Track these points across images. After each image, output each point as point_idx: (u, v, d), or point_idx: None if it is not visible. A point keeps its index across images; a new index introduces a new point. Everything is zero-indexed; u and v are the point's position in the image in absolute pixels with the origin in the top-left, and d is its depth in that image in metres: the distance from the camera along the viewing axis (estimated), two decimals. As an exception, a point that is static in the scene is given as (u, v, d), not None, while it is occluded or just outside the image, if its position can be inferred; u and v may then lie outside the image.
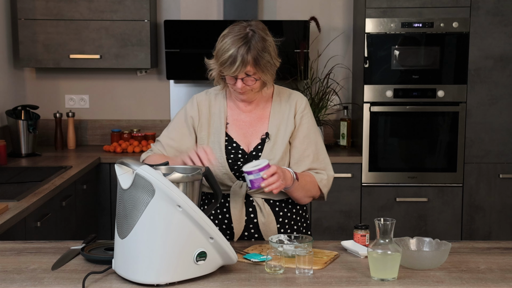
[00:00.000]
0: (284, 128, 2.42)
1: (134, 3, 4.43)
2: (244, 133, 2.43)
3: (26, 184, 3.31)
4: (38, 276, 1.96)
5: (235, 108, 2.46)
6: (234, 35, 2.26)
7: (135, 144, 4.54)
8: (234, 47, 2.24)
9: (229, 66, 2.25)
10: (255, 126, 2.44)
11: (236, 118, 2.44)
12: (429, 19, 4.29)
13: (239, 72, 2.26)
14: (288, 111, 2.43)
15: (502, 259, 2.15)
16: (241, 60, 2.23)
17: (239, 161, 2.39)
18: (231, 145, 2.41)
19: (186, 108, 2.49)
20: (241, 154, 2.40)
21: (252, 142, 2.42)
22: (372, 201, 4.39)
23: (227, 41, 2.26)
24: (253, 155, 2.39)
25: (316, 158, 2.44)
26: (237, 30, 2.28)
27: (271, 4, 4.79)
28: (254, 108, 2.45)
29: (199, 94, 2.53)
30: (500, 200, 4.41)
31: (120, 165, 1.92)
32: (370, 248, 1.95)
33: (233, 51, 2.24)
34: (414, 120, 4.37)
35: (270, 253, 2.02)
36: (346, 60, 4.83)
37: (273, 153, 2.39)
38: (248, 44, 2.24)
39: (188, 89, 4.84)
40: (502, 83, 4.34)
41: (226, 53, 2.25)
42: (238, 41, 2.25)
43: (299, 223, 2.50)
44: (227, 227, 2.42)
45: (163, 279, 1.86)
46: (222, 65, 2.27)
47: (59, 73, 4.81)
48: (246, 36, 2.26)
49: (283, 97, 2.46)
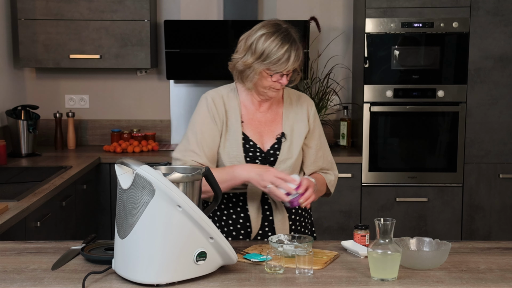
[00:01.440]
0: (298, 129, 2.47)
1: (134, 3, 4.43)
2: (259, 132, 2.45)
3: (26, 184, 3.31)
4: (38, 276, 1.96)
5: (249, 107, 2.47)
6: (279, 33, 2.31)
7: (135, 144, 4.54)
8: (286, 44, 2.30)
9: (284, 63, 2.30)
10: (269, 125, 2.47)
11: (251, 117, 2.46)
12: (429, 19, 4.29)
13: (293, 67, 2.33)
14: (301, 113, 2.50)
15: (502, 259, 2.15)
16: (295, 55, 2.31)
17: (257, 159, 2.41)
18: (248, 143, 2.42)
19: (206, 105, 2.42)
20: (258, 153, 2.42)
21: (267, 141, 2.45)
22: (372, 201, 4.39)
23: (276, 39, 2.30)
24: (271, 154, 2.43)
25: (325, 159, 2.54)
26: (276, 28, 2.33)
27: (271, 4, 4.79)
28: (268, 108, 2.48)
29: (210, 92, 2.48)
30: (500, 200, 4.41)
31: (120, 165, 1.92)
32: (370, 248, 1.96)
33: (287, 48, 2.30)
34: (414, 120, 4.37)
35: (270, 253, 2.02)
36: (346, 60, 4.83)
37: (290, 152, 2.43)
38: (296, 41, 2.33)
39: (188, 89, 4.84)
40: (502, 83, 4.34)
41: (280, 51, 2.29)
42: (287, 38, 2.31)
43: (306, 219, 2.56)
44: (243, 226, 2.44)
45: (163, 279, 1.86)
46: (276, 63, 2.30)
47: (59, 73, 4.81)
48: (289, 33, 2.33)
49: (293, 99, 2.52)
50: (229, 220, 2.46)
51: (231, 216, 2.46)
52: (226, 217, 2.47)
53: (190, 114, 4.84)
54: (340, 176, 4.23)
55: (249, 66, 2.34)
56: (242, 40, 2.38)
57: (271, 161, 2.42)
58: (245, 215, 2.44)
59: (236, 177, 2.31)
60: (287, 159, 2.42)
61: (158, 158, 4.29)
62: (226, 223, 2.47)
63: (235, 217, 2.45)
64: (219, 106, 2.43)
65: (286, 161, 2.42)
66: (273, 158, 2.42)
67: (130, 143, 4.55)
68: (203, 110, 2.43)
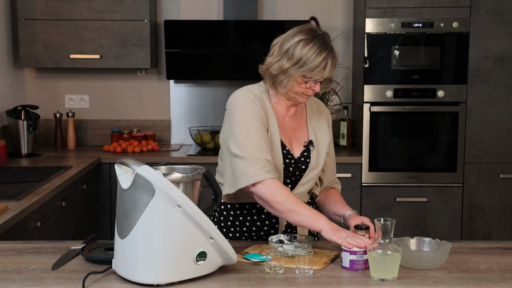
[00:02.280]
0: (322, 137, 2.47)
1: (134, 3, 4.43)
2: (289, 138, 2.43)
3: (26, 184, 3.31)
4: (38, 276, 1.96)
5: (280, 111, 2.43)
6: (317, 40, 2.28)
7: (135, 144, 4.54)
8: (324, 51, 2.27)
9: (321, 70, 2.27)
10: (296, 131, 2.45)
11: (282, 122, 2.43)
12: (429, 19, 4.29)
13: (329, 75, 2.30)
14: (322, 120, 2.50)
15: (502, 259, 2.15)
16: (331, 63, 2.28)
17: (290, 166, 2.39)
18: (284, 149, 2.39)
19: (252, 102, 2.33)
20: (292, 159, 2.40)
21: (296, 148, 2.43)
22: (372, 201, 4.39)
23: (314, 46, 2.27)
24: (302, 161, 2.41)
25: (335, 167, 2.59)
26: (314, 34, 2.30)
27: (271, 4, 4.79)
28: (295, 113, 2.46)
29: (247, 93, 2.36)
30: (500, 200, 4.41)
31: (120, 165, 1.92)
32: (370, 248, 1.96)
33: (325, 56, 2.27)
34: (414, 120, 4.37)
35: (270, 253, 2.02)
36: (346, 60, 4.83)
37: (318, 161, 2.43)
38: (333, 49, 2.31)
39: (188, 89, 4.84)
40: (502, 83, 4.34)
41: (318, 58, 2.26)
42: (324, 46, 2.28)
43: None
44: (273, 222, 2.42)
45: (163, 279, 1.86)
46: (313, 70, 2.26)
47: (59, 73, 4.81)
48: (326, 41, 2.30)
49: (313, 105, 2.52)
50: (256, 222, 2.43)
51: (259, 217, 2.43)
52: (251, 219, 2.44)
53: (190, 114, 4.85)
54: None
55: (284, 71, 2.29)
56: (276, 44, 2.33)
57: (302, 169, 2.40)
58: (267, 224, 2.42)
59: (314, 226, 2.22)
60: (315, 167, 2.42)
61: (158, 158, 4.29)
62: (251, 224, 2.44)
63: (264, 216, 2.42)
64: (260, 106, 2.35)
65: (314, 169, 2.42)
66: (305, 166, 2.41)
67: (130, 143, 4.55)
68: (252, 109, 2.32)
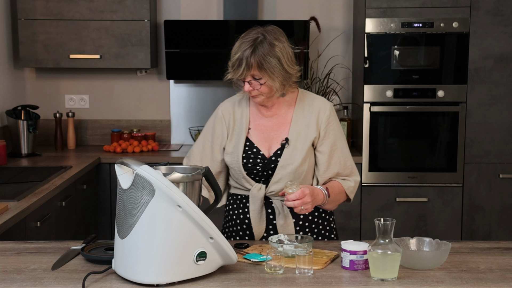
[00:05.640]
0: (305, 133, 2.43)
1: (134, 3, 4.43)
2: (265, 138, 2.45)
3: (26, 184, 3.31)
4: (38, 276, 1.96)
5: (257, 113, 2.48)
6: (245, 39, 2.32)
7: (135, 144, 4.54)
8: (241, 50, 2.30)
9: (236, 69, 2.31)
10: (276, 131, 2.46)
11: (257, 123, 2.47)
12: (429, 19, 4.29)
13: (244, 75, 2.31)
14: (311, 117, 2.45)
15: (502, 259, 2.15)
16: (245, 63, 2.29)
17: (258, 165, 2.42)
18: (251, 150, 2.43)
19: (214, 119, 2.52)
20: (260, 159, 2.42)
21: (272, 147, 2.44)
22: (372, 201, 4.39)
23: (237, 44, 2.33)
24: (272, 160, 2.42)
25: (343, 165, 2.47)
26: (248, 34, 2.34)
27: (271, 4, 4.78)
28: (276, 113, 2.47)
29: (224, 103, 2.56)
30: (500, 200, 4.41)
31: (120, 165, 1.92)
32: (370, 248, 1.96)
33: (240, 54, 2.29)
34: (414, 120, 4.37)
35: (270, 253, 2.02)
36: (346, 60, 4.83)
37: (291, 158, 2.40)
38: (253, 48, 2.28)
39: (188, 89, 4.84)
40: (502, 83, 4.34)
41: (235, 56, 2.32)
42: (246, 44, 2.30)
43: (320, 226, 2.51)
44: (247, 227, 2.46)
45: (163, 279, 1.86)
46: (231, 68, 2.33)
47: (59, 73, 4.81)
48: (255, 40, 2.30)
49: (306, 102, 2.48)
50: (236, 222, 2.49)
51: (237, 218, 2.48)
52: (231, 218, 2.50)
53: (190, 114, 4.85)
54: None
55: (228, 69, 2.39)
56: None
57: (271, 167, 2.41)
58: (249, 217, 2.45)
59: None
60: (288, 165, 2.39)
61: (158, 158, 4.29)
62: (232, 224, 2.50)
63: (242, 217, 2.47)
64: (227, 117, 2.49)
65: (287, 167, 2.39)
66: (274, 164, 2.41)
67: (130, 143, 4.55)
68: (210, 123, 2.53)
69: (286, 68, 2.32)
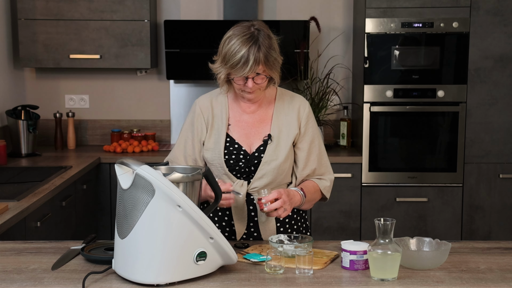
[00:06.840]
0: (287, 130, 2.43)
1: (134, 3, 4.43)
2: (246, 134, 2.44)
3: (26, 184, 3.31)
4: (38, 276, 1.96)
5: (237, 109, 2.46)
6: (241, 36, 2.26)
7: (135, 144, 4.54)
8: (244, 47, 2.24)
9: (241, 67, 2.25)
10: (257, 127, 2.45)
11: (238, 119, 2.45)
12: (429, 19, 4.29)
13: (252, 71, 2.26)
14: (292, 114, 2.45)
15: (502, 259, 2.15)
16: (253, 60, 2.23)
17: (240, 161, 2.40)
18: (232, 146, 2.42)
19: (192, 115, 2.49)
20: (242, 155, 2.41)
21: (254, 143, 2.43)
22: (372, 201, 4.39)
23: (235, 42, 2.25)
24: (255, 156, 2.41)
25: (319, 162, 2.48)
26: (242, 31, 2.28)
27: (271, 4, 4.78)
28: (257, 109, 2.46)
29: (200, 99, 2.52)
30: (500, 200, 4.41)
31: (120, 165, 1.92)
32: (370, 248, 1.96)
33: (244, 52, 2.23)
34: (414, 120, 4.37)
35: (270, 253, 2.02)
36: (346, 60, 4.83)
37: (275, 154, 2.40)
38: (257, 43, 2.25)
39: (188, 89, 4.84)
40: (502, 83, 4.34)
41: (237, 55, 2.24)
42: (247, 41, 2.25)
43: (298, 223, 2.52)
44: (228, 225, 2.44)
45: (163, 279, 1.86)
46: (234, 67, 2.26)
47: (59, 73, 4.81)
48: (253, 35, 2.26)
49: (285, 100, 2.48)
50: (215, 218, 2.46)
51: (218, 215, 2.46)
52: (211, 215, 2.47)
53: (190, 114, 4.85)
54: (340, 176, 4.26)
55: (216, 69, 2.35)
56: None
57: (255, 163, 2.40)
58: (230, 214, 2.44)
59: None
60: (272, 160, 2.39)
61: (158, 158, 4.29)
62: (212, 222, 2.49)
63: (220, 215, 2.46)
64: (206, 114, 2.45)
65: (271, 162, 2.39)
66: (257, 160, 2.40)
67: (130, 143, 4.55)
68: (188, 120, 2.49)
69: (279, 59, 2.34)
